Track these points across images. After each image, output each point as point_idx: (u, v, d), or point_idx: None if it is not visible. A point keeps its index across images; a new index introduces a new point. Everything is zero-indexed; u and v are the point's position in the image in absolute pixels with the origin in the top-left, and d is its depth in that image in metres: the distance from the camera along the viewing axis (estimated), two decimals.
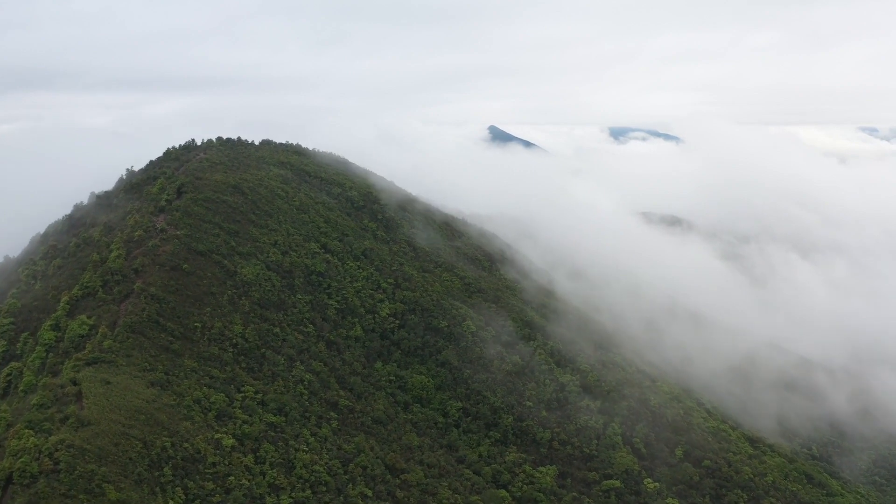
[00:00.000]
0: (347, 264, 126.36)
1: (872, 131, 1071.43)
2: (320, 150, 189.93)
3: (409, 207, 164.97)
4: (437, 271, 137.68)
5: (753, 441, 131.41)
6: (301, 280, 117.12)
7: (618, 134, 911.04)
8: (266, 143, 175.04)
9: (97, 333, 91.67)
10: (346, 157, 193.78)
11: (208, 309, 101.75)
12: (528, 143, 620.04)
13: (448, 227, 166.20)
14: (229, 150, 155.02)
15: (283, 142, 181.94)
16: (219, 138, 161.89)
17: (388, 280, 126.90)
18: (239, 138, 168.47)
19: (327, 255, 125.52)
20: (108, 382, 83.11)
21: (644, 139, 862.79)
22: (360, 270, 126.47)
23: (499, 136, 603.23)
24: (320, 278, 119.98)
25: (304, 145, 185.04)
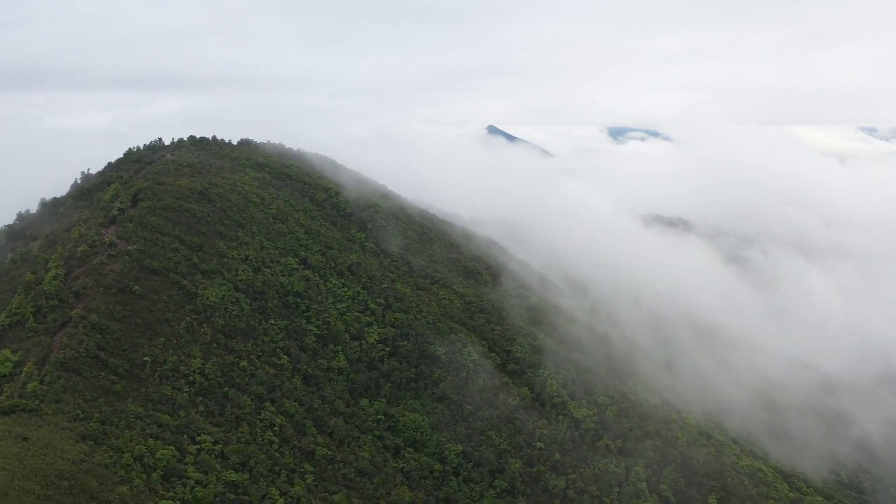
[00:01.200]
0: (330, 282, 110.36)
1: (872, 131, 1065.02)
2: (309, 151, 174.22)
3: (402, 215, 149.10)
4: (434, 288, 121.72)
5: (788, 476, 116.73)
6: (275, 302, 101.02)
7: (616, 134, 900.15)
8: (245, 143, 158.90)
9: (22, 372, 75.77)
10: (336, 159, 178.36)
11: (161, 339, 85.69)
12: (526, 143, 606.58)
13: (445, 236, 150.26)
14: (201, 151, 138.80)
15: (266, 141, 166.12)
16: (191, 137, 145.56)
17: (378, 300, 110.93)
18: (214, 137, 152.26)
19: (307, 272, 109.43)
20: (26, 438, 67.13)
21: (643, 139, 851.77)
22: (345, 289, 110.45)
23: (497, 136, 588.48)
24: (298, 299, 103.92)
25: (297, 146, 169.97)
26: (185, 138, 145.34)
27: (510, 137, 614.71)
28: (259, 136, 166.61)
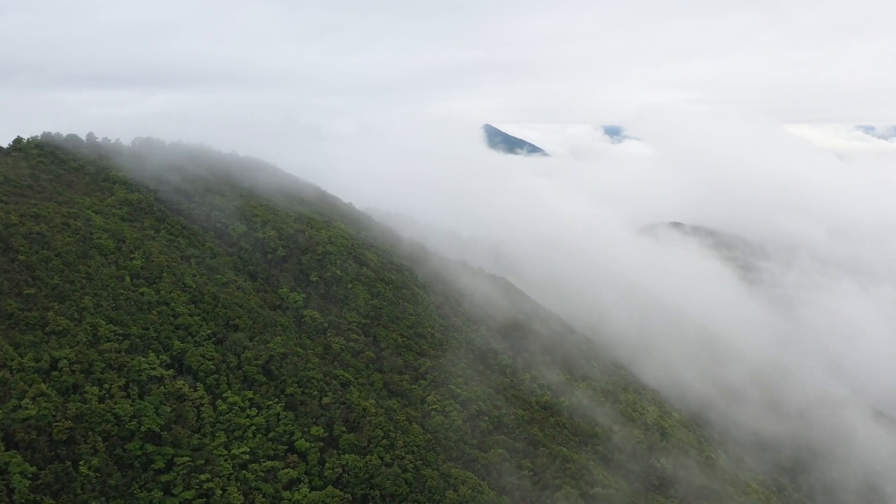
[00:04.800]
0: (226, 401, 60.28)
1: (869, 129, 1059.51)
2: (246, 156, 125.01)
3: (373, 254, 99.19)
4: (417, 391, 71.91)
5: None
6: (99, 460, 50.88)
7: (612, 133, 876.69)
8: (145, 144, 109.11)
9: None
10: (303, 164, 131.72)
11: None
12: (522, 143, 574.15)
13: (438, 286, 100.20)
14: (52, 158, 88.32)
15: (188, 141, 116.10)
16: (45, 134, 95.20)
17: (314, 431, 60.90)
18: (90, 135, 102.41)
19: (181, 383, 59.14)
20: None
21: (639, 138, 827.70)
22: (254, 414, 60.35)
23: (494, 136, 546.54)
24: (152, 447, 53.82)
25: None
26: (40, 136, 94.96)
27: (507, 137, 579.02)
28: (244, 135, 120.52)
